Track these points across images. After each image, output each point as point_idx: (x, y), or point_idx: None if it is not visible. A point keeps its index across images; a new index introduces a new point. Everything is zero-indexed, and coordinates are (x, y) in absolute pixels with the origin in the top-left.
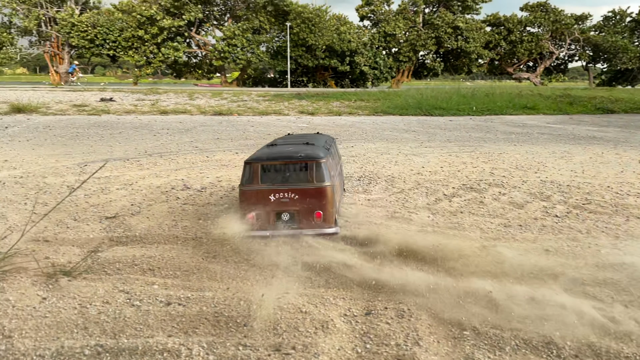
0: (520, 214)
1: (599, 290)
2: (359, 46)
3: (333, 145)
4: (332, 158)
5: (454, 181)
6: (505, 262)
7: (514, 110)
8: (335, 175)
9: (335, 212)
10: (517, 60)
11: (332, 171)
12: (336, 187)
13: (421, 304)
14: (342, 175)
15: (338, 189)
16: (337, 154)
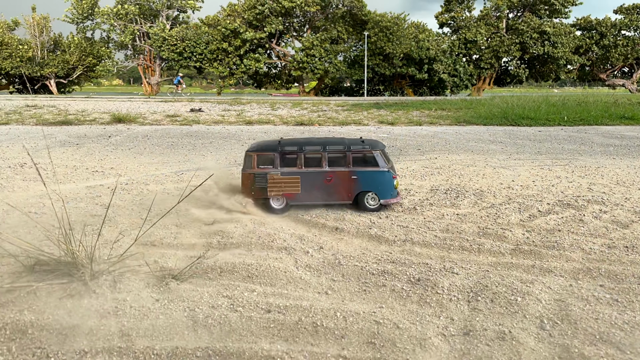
0: (625, 234)
1: None
2: (437, 53)
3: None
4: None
5: (548, 196)
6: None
7: (610, 121)
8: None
9: None
10: (611, 66)
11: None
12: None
13: None
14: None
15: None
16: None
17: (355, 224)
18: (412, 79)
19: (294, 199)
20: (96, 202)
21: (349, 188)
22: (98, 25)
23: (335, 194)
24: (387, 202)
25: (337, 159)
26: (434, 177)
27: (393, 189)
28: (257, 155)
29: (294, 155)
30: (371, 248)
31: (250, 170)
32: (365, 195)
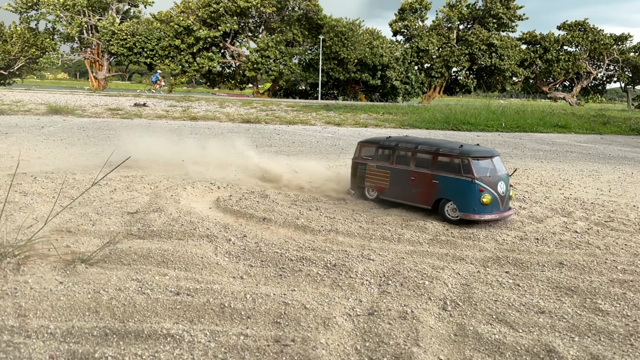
0: (538, 227)
1: (609, 305)
2: (391, 61)
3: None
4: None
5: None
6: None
7: (544, 129)
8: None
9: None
10: (553, 80)
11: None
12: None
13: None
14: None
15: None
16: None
17: (284, 215)
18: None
19: (383, 193)
20: (15, 190)
21: (429, 192)
22: (43, 16)
23: (417, 196)
24: (467, 217)
25: (424, 160)
26: None
27: (478, 203)
28: (363, 146)
29: (390, 150)
30: (295, 237)
31: (356, 160)
32: (446, 204)
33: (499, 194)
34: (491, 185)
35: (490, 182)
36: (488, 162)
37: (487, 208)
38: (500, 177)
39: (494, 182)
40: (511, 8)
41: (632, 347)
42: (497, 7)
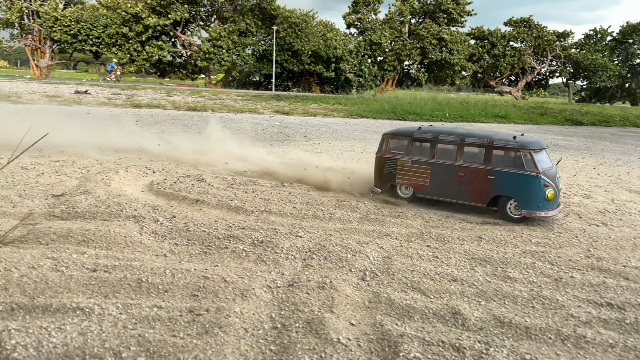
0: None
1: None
2: (344, 53)
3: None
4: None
5: None
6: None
7: (486, 118)
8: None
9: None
10: (500, 74)
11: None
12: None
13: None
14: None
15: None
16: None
17: (218, 197)
18: (320, 77)
19: (421, 191)
20: None
21: (483, 189)
22: None
23: (467, 193)
24: (532, 215)
25: (475, 153)
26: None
27: (542, 199)
28: (391, 138)
29: (428, 143)
30: (227, 217)
31: (381, 154)
32: (507, 201)
33: (558, 187)
34: (551, 179)
35: (550, 176)
36: (544, 154)
37: (550, 203)
38: (555, 169)
39: (553, 176)
40: (460, 4)
41: (533, 309)
42: (447, 3)
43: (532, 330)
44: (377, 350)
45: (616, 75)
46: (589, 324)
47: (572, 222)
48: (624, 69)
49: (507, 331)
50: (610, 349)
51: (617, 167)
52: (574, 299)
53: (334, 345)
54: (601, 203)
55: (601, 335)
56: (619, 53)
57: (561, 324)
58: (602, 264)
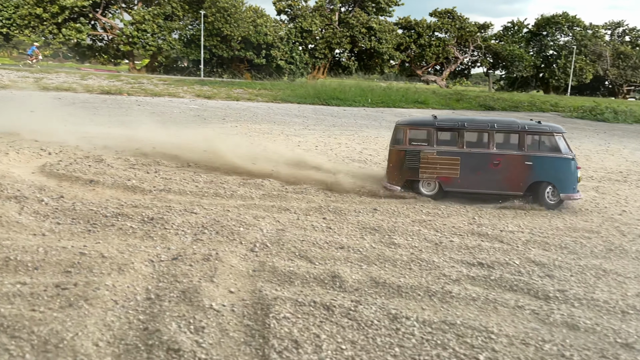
0: (364, 184)
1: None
2: (275, 40)
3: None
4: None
5: (322, 157)
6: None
7: (406, 104)
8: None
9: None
10: (426, 64)
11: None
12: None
13: None
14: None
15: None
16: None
17: (115, 178)
18: (251, 64)
19: (450, 184)
20: None
21: (521, 176)
22: None
23: (504, 182)
24: (569, 198)
25: (508, 140)
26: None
27: (576, 182)
28: (409, 129)
29: (455, 132)
30: (121, 197)
31: (400, 146)
32: (546, 187)
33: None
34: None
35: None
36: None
37: (577, 186)
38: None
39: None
40: None
41: (409, 270)
42: None
43: (404, 288)
44: (249, 313)
45: (531, 66)
46: (457, 281)
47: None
48: (539, 59)
49: (380, 290)
50: (472, 302)
51: None
52: (449, 260)
53: (205, 311)
54: None
55: (467, 291)
56: (533, 44)
57: (432, 282)
58: (482, 230)
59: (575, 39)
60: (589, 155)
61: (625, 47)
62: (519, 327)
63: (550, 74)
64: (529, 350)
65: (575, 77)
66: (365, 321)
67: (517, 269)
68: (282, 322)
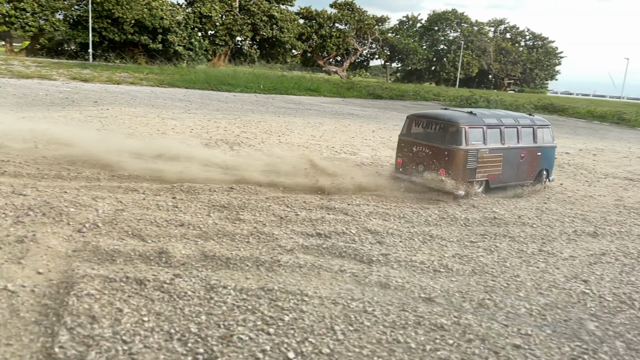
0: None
1: None
2: (172, 25)
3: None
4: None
5: (192, 138)
6: None
7: (298, 91)
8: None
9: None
10: (327, 54)
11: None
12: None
13: None
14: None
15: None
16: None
17: None
18: (147, 49)
19: (495, 181)
20: None
21: (534, 166)
22: None
23: (525, 173)
24: (552, 181)
25: (528, 133)
26: (92, 125)
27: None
28: (469, 128)
29: (497, 129)
30: None
31: (463, 147)
32: (543, 173)
33: None
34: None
35: None
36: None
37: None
38: None
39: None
40: None
41: (247, 244)
42: None
43: (233, 260)
44: (50, 293)
45: (424, 59)
46: (291, 251)
47: None
48: (431, 53)
49: (208, 264)
50: (298, 269)
51: (392, 131)
52: (290, 232)
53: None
54: (363, 157)
55: (297, 259)
56: (426, 39)
57: (265, 253)
58: (331, 204)
59: (463, 35)
60: None
61: (506, 43)
62: (335, 289)
63: (441, 67)
64: (336, 309)
65: (463, 71)
66: (179, 293)
67: (352, 238)
68: (84, 299)
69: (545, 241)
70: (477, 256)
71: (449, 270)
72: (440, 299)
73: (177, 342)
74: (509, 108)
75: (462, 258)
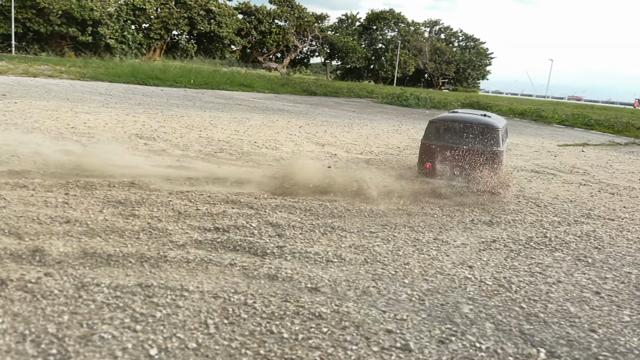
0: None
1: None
2: (103, 16)
3: None
4: None
5: (104, 133)
6: None
7: (230, 87)
8: None
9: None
10: (267, 50)
11: None
12: None
13: None
14: None
15: None
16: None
17: None
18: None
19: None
20: None
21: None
22: None
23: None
24: None
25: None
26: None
27: None
28: (502, 130)
29: (504, 130)
30: None
31: (500, 148)
32: None
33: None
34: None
35: None
36: None
37: None
38: None
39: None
40: None
41: (136, 240)
42: None
43: (115, 257)
44: None
45: (363, 57)
46: (183, 246)
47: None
48: (370, 52)
49: (87, 262)
50: (185, 265)
51: (320, 127)
52: (186, 227)
53: None
54: (283, 152)
55: (187, 255)
56: (365, 37)
57: (153, 249)
58: (237, 198)
59: (400, 35)
60: (379, 134)
61: (440, 43)
62: (220, 283)
63: (379, 65)
64: (215, 303)
65: (400, 69)
66: (44, 293)
67: (251, 231)
68: None
69: (442, 230)
70: (372, 246)
71: (342, 260)
72: (326, 289)
73: (29, 343)
74: (438, 105)
75: (358, 248)
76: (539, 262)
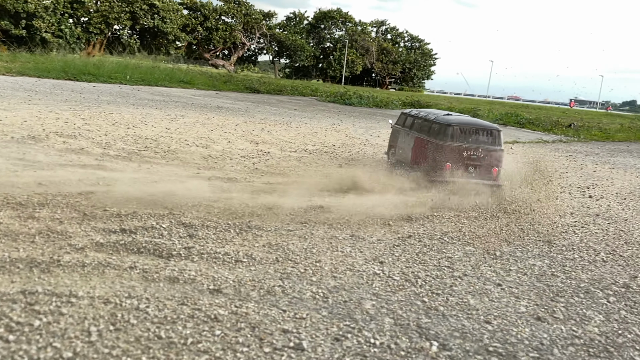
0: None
1: None
2: (38, 9)
3: None
4: None
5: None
6: None
7: (169, 83)
8: None
9: None
10: (214, 47)
11: None
12: None
13: None
14: None
15: None
16: None
17: None
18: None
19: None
20: None
21: None
22: None
23: None
24: None
25: None
26: None
27: None
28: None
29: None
30: None
31: (502, 148)
32: None
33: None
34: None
35: None
36: None
37: None
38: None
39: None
40: None
41: (30, 244)
42: None
43: (1, 262)
44: None
45: (312, 56)
46: (81, 249)
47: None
48: (318, 50)
49: None
50: (80, 269)
51: (257, 125)
52: (89, 229)
53: None
54: (213, 150)
55: (85, 258)
56: (313, 36)
57: (48, 253)
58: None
59: (347, 34)
60: (317, 132)
61: (387, 43)
62: (115, 287)
63: (327, 64)
64: (105, 308)
65: (348, 69)
66: None
67: (160, 232)
68: None
69: (360, 227)
70: (287, 244)
71: (252, 259)
72: (229, 290)
73: None
74: (380, 104)
75: (272, 247)
76: (449, 256)
